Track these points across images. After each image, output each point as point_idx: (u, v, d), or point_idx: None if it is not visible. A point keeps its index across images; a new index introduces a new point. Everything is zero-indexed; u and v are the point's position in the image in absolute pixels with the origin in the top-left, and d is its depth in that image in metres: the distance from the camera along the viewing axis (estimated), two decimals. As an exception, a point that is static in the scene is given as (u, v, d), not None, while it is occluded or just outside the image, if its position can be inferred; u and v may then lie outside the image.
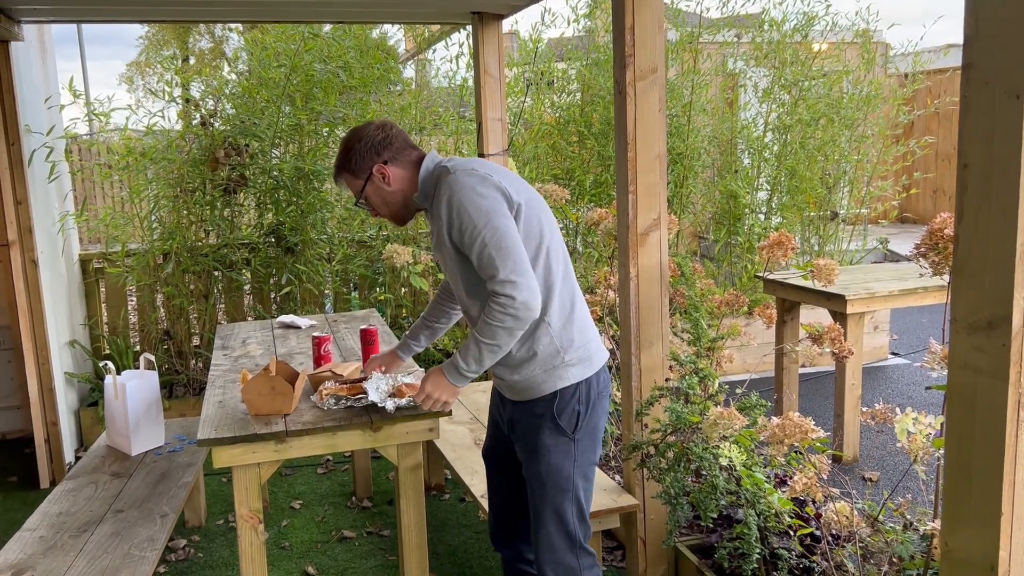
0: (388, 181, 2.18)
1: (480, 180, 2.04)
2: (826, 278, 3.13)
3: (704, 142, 6.09)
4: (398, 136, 2.21)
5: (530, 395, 2.17)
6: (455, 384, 2.17)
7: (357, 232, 5.28)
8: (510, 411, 2.26)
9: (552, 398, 2.14)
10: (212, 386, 2.86)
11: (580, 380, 2.14)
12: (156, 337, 5.11)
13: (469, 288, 2.14)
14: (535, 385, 2.15)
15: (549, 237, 2.14)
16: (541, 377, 2.14)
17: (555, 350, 2.12)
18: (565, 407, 2.14)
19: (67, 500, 2.97)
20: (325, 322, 3.82)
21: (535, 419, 2.16)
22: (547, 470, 2.16)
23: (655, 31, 2.72)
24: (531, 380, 2.14)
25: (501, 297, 1.97)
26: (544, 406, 2.15)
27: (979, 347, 1.37)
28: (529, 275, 1.98)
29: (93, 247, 6.76)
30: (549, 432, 2.15)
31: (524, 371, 2.14)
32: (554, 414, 2.14)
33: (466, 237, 2.01)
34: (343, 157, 2.21)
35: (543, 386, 2.14)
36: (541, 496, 2.19)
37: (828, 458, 2.44)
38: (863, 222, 6.70)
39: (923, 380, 5.40)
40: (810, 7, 6.14)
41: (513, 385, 2.19)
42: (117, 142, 4.95)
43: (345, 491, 4.03)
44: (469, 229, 2.00)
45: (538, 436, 2.16)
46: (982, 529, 1.39)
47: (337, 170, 2.24)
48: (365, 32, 5.50)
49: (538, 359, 2.12)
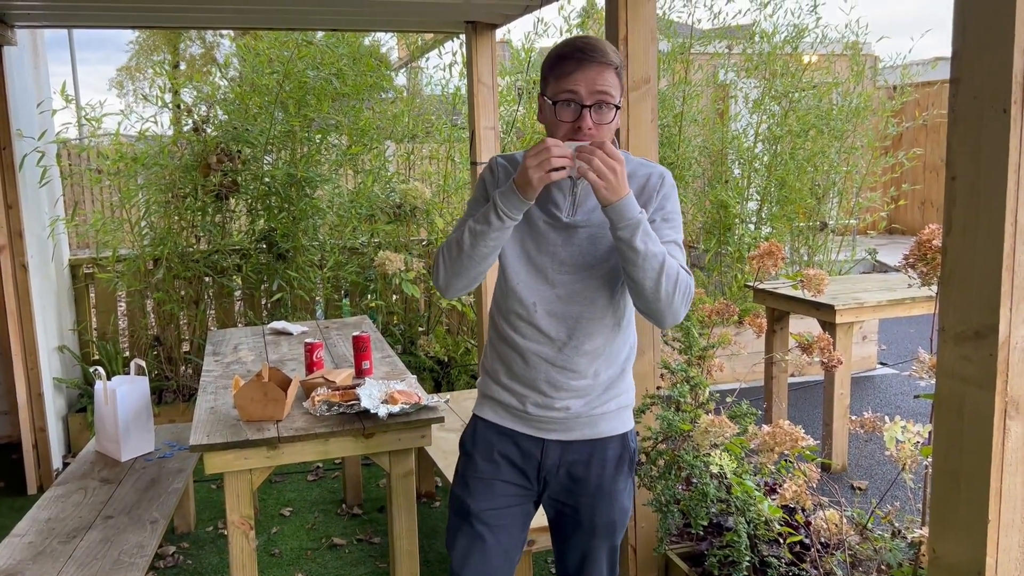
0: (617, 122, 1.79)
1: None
2: (816, 288, 3.16)
3: (695, 152, 6.14)
4: None
5: (597, 434, 1.90)
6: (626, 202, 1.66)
7: (349, 239, 5.29)
8: (556, 455, 1.90)
9: (624, 438, 1.93)
10: (204, 392, 2.85)
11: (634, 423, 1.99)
12: (146, 343, 5.09)
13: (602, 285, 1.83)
14: (607, 422, 1.90)
15: None
16: (616, 415, 1.92)
17: (630, 387, 1.96)
18: (631, 445, 1.96)
19: (56, 506, 2.95)
20: (317, 328, 3.82)
21: (608, 463, 1.92)
22: (620, 515, 1.96)
23: (648, 42, 2.74)
24: (604, 416, 1.90)
25: (684, 272, 1.73)
26: (617, 446, 1.92)
27: (966, 357, 1.39)
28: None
29: (83, 252, 6.74)
30: (624, 475, 1.94)
31: (601, 404, 1.88)
32: (630, 456, 1.95)
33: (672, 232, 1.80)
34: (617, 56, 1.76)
35: (616, 425, 1.92)
36: (605, 541, 1.98)
37: (817, 466, 2.47)
38: (852, 233, 6.76)
39: (910, 390, 5.44)
40: (800, 20, 6.20)
41: (577, 418, 1.87)
42: (108, 147, 4.94)
43: (335, 498, 4.03)
44: (678, 226, 1.82)
45: (613, 481, 1.93)
46: (969, 536, 1.41)
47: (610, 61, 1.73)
48: (358, 40, 5.52)
49: (618, 394, 1.91)
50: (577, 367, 1.84)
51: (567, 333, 1.83)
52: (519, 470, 1.93)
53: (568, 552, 2.00)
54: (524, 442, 1.91)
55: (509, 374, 1.90)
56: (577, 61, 1.71)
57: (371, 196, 5.26)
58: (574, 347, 1.83)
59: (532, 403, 1.87)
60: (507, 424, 1.92)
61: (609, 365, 1.87)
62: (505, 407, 1.92)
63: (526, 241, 1.85)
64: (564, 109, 1.72)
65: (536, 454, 1.91)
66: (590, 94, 1.70)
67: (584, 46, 1.73)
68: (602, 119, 1.73)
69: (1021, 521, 1.40)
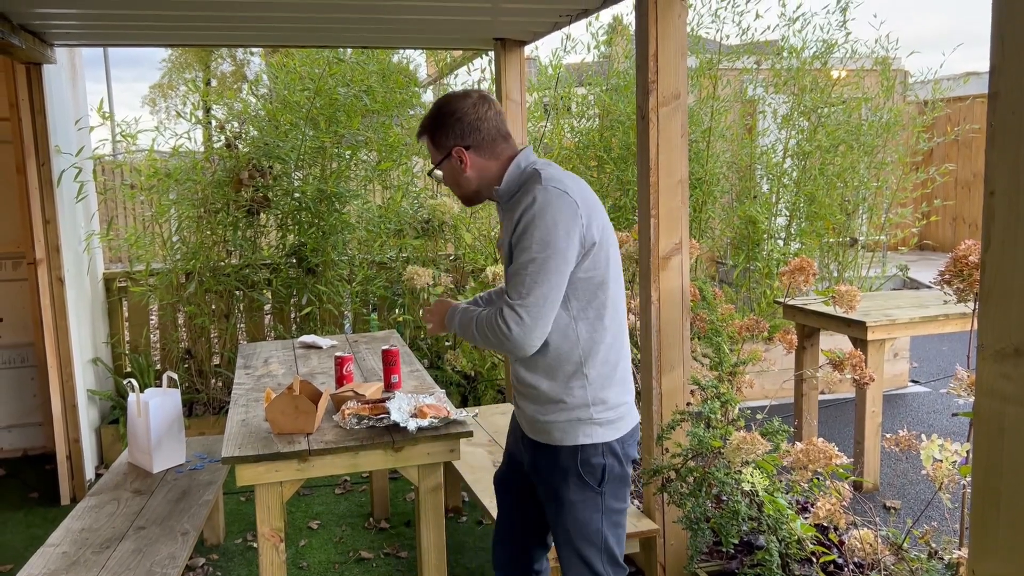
0: (465, 167, 2.08)
1: (568, 206, 1.95)
2: (847, 304, 3.13)
3: (723, 167, 6.11)
4: (491, 124, 2.09)
5: (550, 440, 2.07)
6: (446, 324, 2.25)
7: (377, 254, 5.33)
8: (531, 454, 2.15)
9: (575, 451, 2.04)
10: (235, 404, 2.88)
11: (607, 441, 2.05)
12: (177, 356, 5.15)
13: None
14: (557, 432, 2.05)
15: (613, 288, 2.06)
16: (565, 426, 2.04)
17: (586, 404, 2.03)
18: (590, 460, 2.04)
19: (90, 516, 2.99)
20: (346, 342, 3.85)
21: (558, 470, 2.07)
22: (574, 525, 2.07)
23: (678, 58, 2.75)
24: (554, 425, 2.05)
25: (502, 320, 1.94)
26: (568, 458, 2.05)
27: (1006, 375, 1.37)
28: (540, 321, 1.93)
29: (116, 266, 6.85)
30: (576, 487, 2.05)
31: (549, 413, 2.05)
32: (579, 469, 2.04)
33: (521, 245, 1.94)
34: (431, 122, 2.11)
35: (565, 436, 2.05)
36: (567, 546, 2.11)
37: (850, 485, 2.43)
38: (882, 249, 6.68)
39: (943, 408, 5.36)
40: (829, 35, 6.16)
41: (534, 422, 2.10)
42: (143, 163, 5.03)
43: (363, 512, 4.04)
44: (528, 243, 1.93)
45: (563, 489, 2.06)
46: (1010, 558, 1.38)
47: (421, 130, 2.14)
48: (388, 57, 5.58)
49: (567, 407, 2.04)
50: (518, 373, 2.11)
51: None
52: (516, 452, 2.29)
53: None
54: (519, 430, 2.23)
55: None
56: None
57: (400, 211, 5.30)
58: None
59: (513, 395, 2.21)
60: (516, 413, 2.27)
61: (550, 377, 2.05)
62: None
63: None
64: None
65: (521, 443, 2.21)
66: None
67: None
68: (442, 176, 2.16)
69: (1064, 543, 1.37)
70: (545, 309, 1.93)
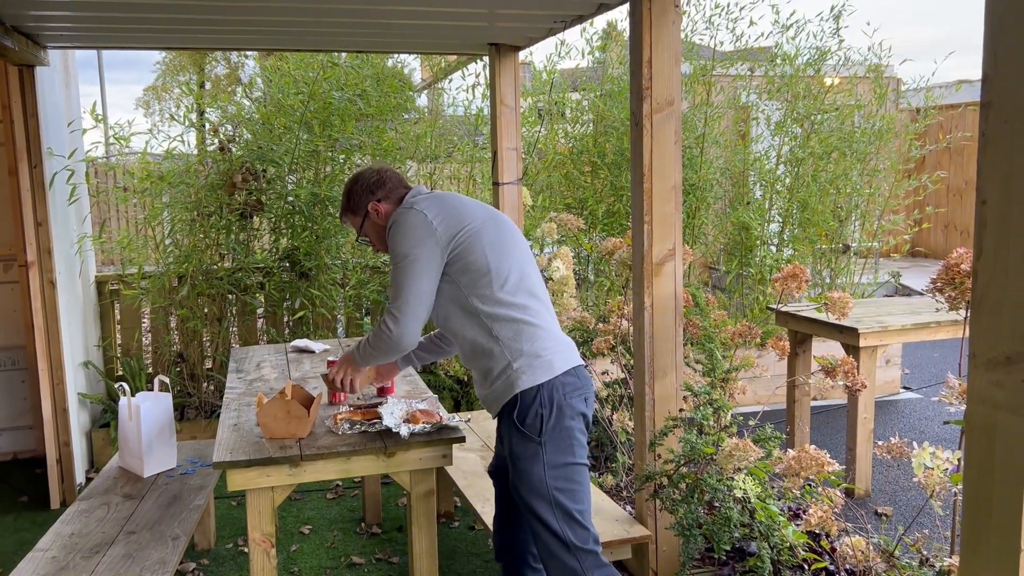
0: (380, 216, 2.44)
1: (417, 216, 2.29)
2: (840, 311, 3.14)
3: (716, 174, 6.12)
4: (391, 177, 2.49)
5: (498, 406, 2.31)
6: (355, 365, 2.51)
7: (371, 258, 5.32)
8: (499, 428, 2.40)
9: (513, 404, 2.26)
10: (227, 409, 2.87)
11: (536, 384, 2.23)
12: (169, 359, 5.13)
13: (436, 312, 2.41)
14: (498, 396, 2.30)
15: (505, 265, 2.32)
16: (500, 388, 2.28)
17: (507, 362, 2.27)
18: (527, 412, 2.23)
19: (79, 521, 2.97)
20: (339, 347, 3.84)
21: (507, 429, 2.30)
22: (518, 477, 2.26)
23: (672, 65, 2.76)
24: (494, 392, 2.30)
25: (383, 324, 2.30)
26: (508, 412, 2.27)
27: (998, 383, 1.37)
28: (412, 315, 2.26)
29: (108, 269, 6.82)
30: (517, 439, 2.26)
31: (488, 385, 2.32)
32: (515, 420, 2.25)
33: (391, 260, 2.31)
34: (345, 199, 2.51)
35: (503, 395, 2.28)
36: (522, 503, 2.28)
37: (841, 492, 2.44)
38: (875, 255, 6.70)
39: (934, 415, 5.37)
40: (823, 42, 6.19)
41: (485, 399, 2.36)
42: (135, 165, 5.01)
43: (355, 517, 4.02)
44: (392, 257, 2.31)
45: (511, 445, 2.28)
46: (1001, 566, 1.39)
47: (342, 212, 2.55)
48: (382, 61, 5.58)
49: (494, 373, 2.29)
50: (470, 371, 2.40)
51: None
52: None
53: None
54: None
55: None
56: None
57: (393, 215, 5.28)
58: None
59: None
60: None
61: (477, 356, 2.33)
62: None
63: None
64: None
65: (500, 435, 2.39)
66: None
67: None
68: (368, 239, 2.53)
69: (1054, 551, 1.38)
70: (413, 304, 2.26)
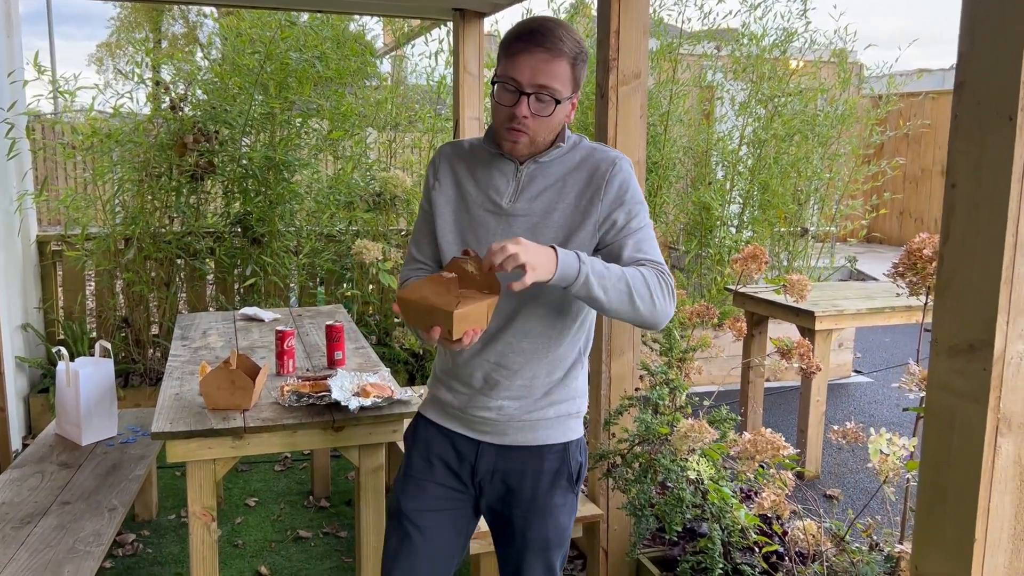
0: (570, 117, 1.72)
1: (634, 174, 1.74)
2: (798, 293, 3.13)
3: (679, 152, 6.10)
4: None
5: (535, 440, 1.77)
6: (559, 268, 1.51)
7: (326, 226, 5.19)
8: (491, 460, 1.80)
9: (563, 450, 1.79)
10: (169, 377, 2.77)
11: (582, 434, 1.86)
12: (114, 324, 4.97)
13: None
14: (547, 429, 1.78)
15: None
16: (554, 422, 1.78)
17: (581, 396, 1.82)
18: (574, 460, 1.82)
19: (11, 490, 2.85)
20: (289, 316, 3.74)
21: (541, 474, 1.78)
22: (555, 532, 1.81)
23: (640, 36, 2.69)
24: (543, 422, 1.77)
25: (668, 282, 1.64)
26: (556, 459, 1.78)
27: (959, 370, 1.35)
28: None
29: (52, 229, 6.59)
30: (562, 490, 1.80)
31: (542, 409, 1.76)
32: (570, 469, 1.80)
33: (633, 223, 1.68)
34: (581, 50, 1.65)
35: (554, 433, 1.78)
36: (538, 556, 1.84)
37: (792, 474, 2.43)
38: (832, 240, 6.75)
39: (884, 398, 5.45)
40: (789, 23, 6.17)
41: (511, 420, 1.76)
42: (82, 122, 4.81)
43: (302, 490, 3.95)
44: (640, 214, 1.69)
45: (549, 495, 1.79)
46: (955, 554, 1.37)
47: (567, 51, 1.62)
48: (343, 23, 5.42)
49: (566, 402, 1.79)
50: (511, 365, 1.72)
51: (498, 327, 1.71)
52: (454, 473, 1.82)
53: (503, 563, 1.89)
54: (461, 444, 1.81)
55: (448, 370, 1.82)
56: (525, 44, 1.61)
57: (350, 183, 5.17)
58: (508, 343, 1.71)
59: (469, 401, 1.78)
60: (446, 424, 1.83)
61: (551, 370, 1.75)
62: (444, 405, 1.83)
63: (464, 228, 1.74)
64: (503, 93, 1.64)
65: (471, 457, 1.80)
66: (530, 83, 1.61)
67: (537, 28, 1.61)
68: (541, 111, 1.63)
69: (1008, 540, 1.37)
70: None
